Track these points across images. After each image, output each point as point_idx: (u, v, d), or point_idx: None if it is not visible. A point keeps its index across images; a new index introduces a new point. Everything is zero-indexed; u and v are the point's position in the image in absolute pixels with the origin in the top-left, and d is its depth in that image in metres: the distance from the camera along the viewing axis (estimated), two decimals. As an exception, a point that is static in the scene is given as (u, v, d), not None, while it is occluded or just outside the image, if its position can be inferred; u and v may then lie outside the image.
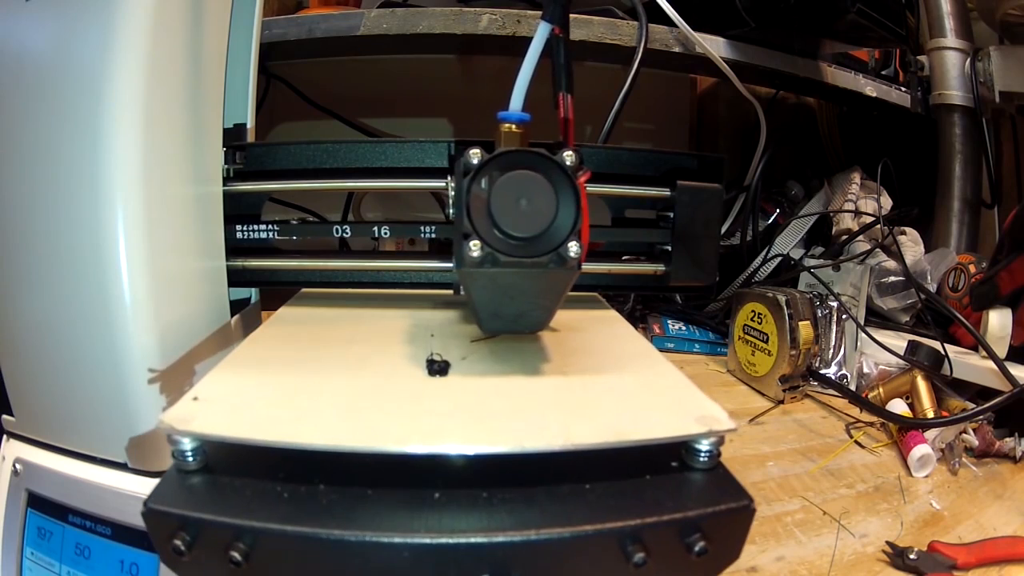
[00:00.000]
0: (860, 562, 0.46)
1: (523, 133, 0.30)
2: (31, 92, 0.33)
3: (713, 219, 0.42)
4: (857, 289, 0.76)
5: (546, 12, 0.30)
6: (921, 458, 0.57)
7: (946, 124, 0.97)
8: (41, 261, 0.34)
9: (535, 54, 0.30)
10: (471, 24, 0.77)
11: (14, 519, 0.37)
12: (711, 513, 0.24)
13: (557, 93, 0.32)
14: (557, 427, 0.25)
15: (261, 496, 0.23)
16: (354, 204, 0.90)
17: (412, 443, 0.24)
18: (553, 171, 0.27)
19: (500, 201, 0.27)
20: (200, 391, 0.27)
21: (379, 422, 0.26)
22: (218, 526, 0.22)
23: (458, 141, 0.42)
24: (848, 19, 0.81)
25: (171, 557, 0.23)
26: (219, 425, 0.25)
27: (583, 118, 1.13)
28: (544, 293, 0.31)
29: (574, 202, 0.27)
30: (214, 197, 0.40)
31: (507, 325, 0.33)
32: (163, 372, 0.34)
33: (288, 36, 0.80)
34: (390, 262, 0.46)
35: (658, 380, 0.31)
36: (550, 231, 0.27)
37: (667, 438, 0.25)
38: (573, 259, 0.27)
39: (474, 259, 0.27)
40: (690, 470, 0.26)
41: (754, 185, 0.96)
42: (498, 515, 0.23)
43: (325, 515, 0.23)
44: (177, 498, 0.23)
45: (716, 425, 0.25)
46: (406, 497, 0.24)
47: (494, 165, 0.27)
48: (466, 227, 0.27)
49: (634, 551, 0.22)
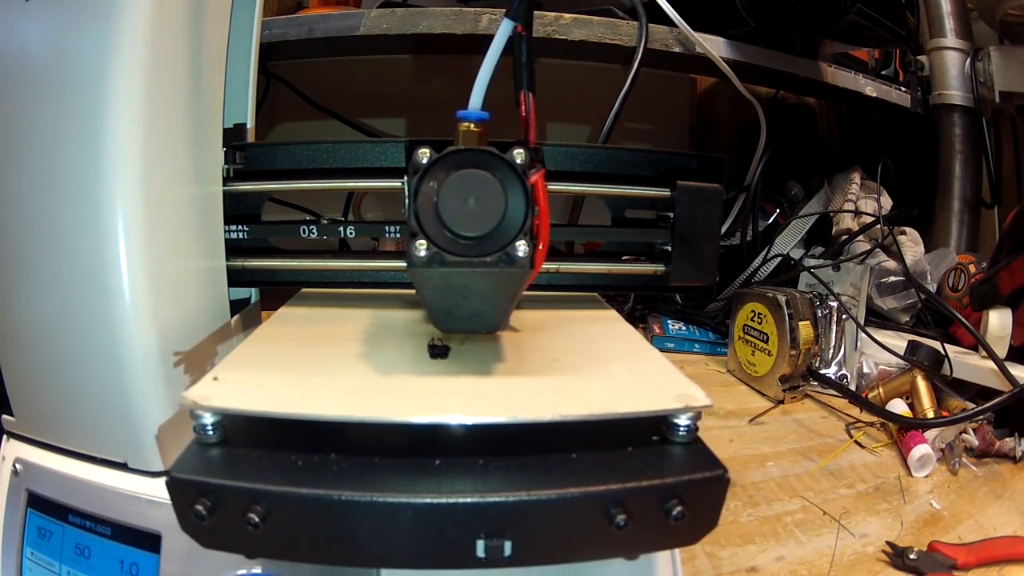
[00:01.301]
0: (860, 562, 0.46)
1: (481, 132, 0.30)
2: (31, 92, 0.33)
3: (713, 219, 0.42)
4: (857, 289, 0.76)
5: (509, 10, 0.30)
6: (921, 458, 0.57)
7: (946, 124, 0.97)
8: (41, 261, 0.34)
9: (496, 52, 0.30)
10: (471, 24, 0.77)
11: (14, 519, 0.37)
12: (687, 481, 0.25)
13: (518, 91, 0.32)
14: (548, 401, 0.27)
15: (276, 465, 0.25)
16: (354, 204, 0.90)
17: (415, 414, 0.26)
18: (503, 169, 0.27)
19: (448, 200, 0.27)
20: (218, 372, 0.29)
21: (385, 397, 0.28)
22: (237, 491, 0.24)
23: (417, 140, 0.42)
24: (848, 19, 0.81)
25: (192, 523, 0.24)
26: (238, 400, 0.26)
27: (583, 118, 1.13)
28: (496, 293, 0.31)
29: (523, 200, 0.27)
30: (214, 197, 0.40)
31: (462, 325, 0.33)
32: (163, 372, 0.34)
33: (288, 36, 0.80)
34: (390, 262, 0.45)
35: (643, 365, 0.32)
36: (499, 230, 0.27)
37: (647, 411, 0.27)
38: (522, 259, 0.27)
39: (421, 258, 0.27)
40: (670, 443, 0.28)
41: (754, 185, 0.96)
42: (493, 480, 0.25)
43: (336, 480, 0.25)
44: (198, 467, 0.25)
45: (693, 402, 0.27)
46: (409, 464, 0.26)
47: (443, 164, 0.27)
48: (413, 227, 0.27)
49: (616, 514, 0.24)
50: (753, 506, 0.53)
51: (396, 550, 0.25)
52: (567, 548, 0.26)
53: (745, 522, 0.51)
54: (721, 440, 0.62)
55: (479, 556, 0.24)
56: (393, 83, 1.07)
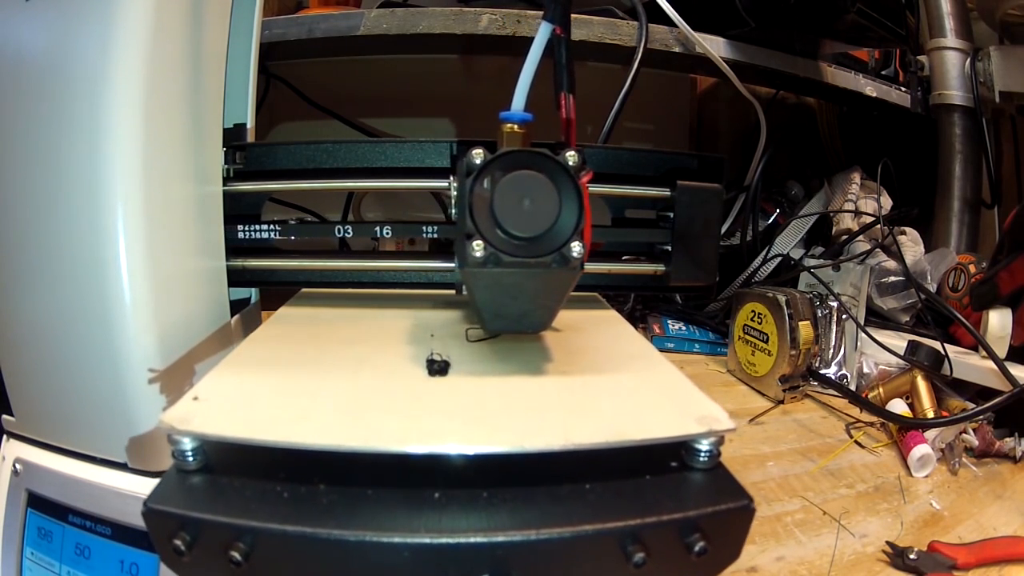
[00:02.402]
0: (860, 562, 0.46)
1: (525, 133, 0.30)
2: (31, 92, 0.33)
3: (713, 219, 0.42)
4: (857, 289, 0.76)
5: (547, 12, 0.30)
6: (921, 458, 0.57)
7: (946, 124, 0.97)
8: (41, 261, 0.34)
9: (537, 54, 0.30)
10: (471, 24, 0.77)
11: (14, 519, 0.37)
12: (711, 513, 0.24)
13: (559, 93, 0.32)
14: (557, 427, 0.25)
15: (261, 496, 0.23)
16: (354, 204, 0.90)
17: (412, 443, 0.24)
18: (556, 171, 0.28)
19: (503, 201, 0.27)
20: (200, 391, 0.27)
21: (379, 422, 0.26)
22: (218, 526, 0.22)
23: (460, 141, 0.42)
24: (848, 19, 0.81)
25: (171, 557, 0.23)
26: (219, 425, 0.25)
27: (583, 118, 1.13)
28: (547, 293, 0.31)
29: (577, 202, 0.27)
30: (214, 197, 0.40)
31: (510, 325, 0.33)
32: (163, 372, 0.34)
33: (288, 36, 0.80)
34: (390, 262, 0.46)
35: (658, 380, 0.31)
36: (553, 231, 0.27)
37: (667, 438, 0.25)
38: (576, 259, 0.27)
39: (477, 259, 0.27)
40: (690, 470, 0.26)
41: (754, 185, 0.96)
42: (498, 515, 0.23)
43: (325, 515, 0.23)
44: (177, 498, 0.23)
45: (716, 425, 0.25)
46: (406, 497, 0.24)
47: (497, 165, 0.27)
48: (469, 227, 0.27)
49: (634, 551, 0.22)
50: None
51: (391, 594, 0.22)
52: (580, 588, 0.23)
53: (745, 522, 0.51)
54: (721, 440, 0.62)
55: (483, 599, 0.22)
56: (393, 83, 1.07)
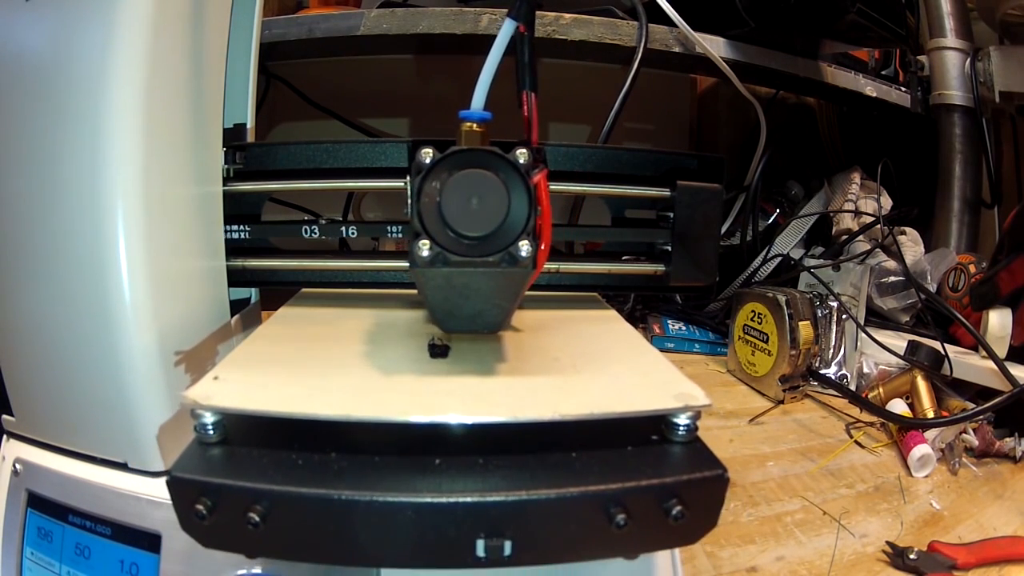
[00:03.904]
0: (860, 562, 0.46)
1: (484, 132, 0.30)
2: (31, 92, 0.33)
3: (713, 219, 0.42)
4: (857, 289, 0.76)
5: (512, 10, 0.30)
6: (921, 458, 0.57)
7: (946, 124, 0.97)
8: (41, 261, 0.34)
9: (499, 52, 0.30)
10: (471, 24, 0.77)
11: (14, 519, 0.37)
12: (687, 480, 0.25)
13: (521, 91, 0.32)
14: (548, 401, 0.27)
15: (277, 464, 0.25)
16: (354, 204, 0.90)
17: (415, 413, 0.26)
18: (505, 169, 0.27)
19: (451, 200, 0.27)
20: (219, 372, 0.29)
21: (385, 396, 0.28)
22: (237, 490, 0.24)
23: (421, 140, 0.42)
24: (848, 19, 0.81)
25: (193, 523, 0.24)
26: (238, 399, 0.26)
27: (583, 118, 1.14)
28: (498, 293, 0.31)
29: (527, 200, 0.27)
30: (214, 197, 0.40)
31: (464, 325, 0.34)
32: (163, 372, 0.34)
33: (288, 36, 0.80)
34: (390, 262, 0.45)
35: (643, 365, 0.32)
36: (502, 230, 0.27)
37: (647, 411, 0.27)
38: (525, 258, 0.27)
39: (424, 259, 0.27)
40: (669, 443, 0.28)
41: (754, 185, 0.96)
42: (493, 479, 0.25)
43: (336, 479, 0.25)
44: (199, 467, 0.25)
45: (692, 401, 0.27)
46: (410, 463, 0.26)
47: (446, 164, 0.27)
48: (416, 226, 0.27)
49: (616, 513, 0.24)
50: (753, 506, 0.53)
51: (396, 550, 0.25)
52: (567, 548, 0.26)
53: (745, 522, 0.51)
54: (721, 440, 0.62)
55: (479, 556, 0.24)
56: (393, 83, 1.07)
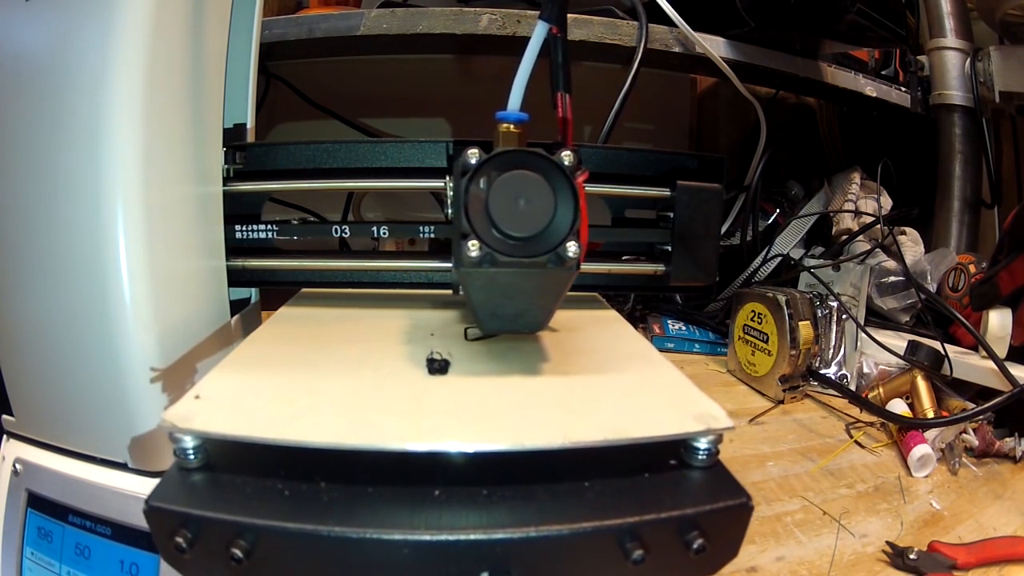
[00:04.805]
0: (860, 562, 0.46)
1: (521, 133, 0.30)
2: (31, 92, 0.33)
3: (713, 219, 0.42)
4: (857, 289, 0.76)
5: (544, 11, 0.30)
6: (921, 458, 0.57)
7: (946, 124, 0.97)
8: (41, 261, 0.34)
9: (533, 54, 0.30)
10: (471, 24, 0.77)
11: (14, 519, 0.37)
12: (709, 511, 0.24)
13: (555, 93, 0.32)
14: (556, 425, 0.25)
15: (262, 494, 0.24)
16: (354, 204, 0.90)
17: (412, 441, 0.24)
18: (551, 171, 0.27)
19: (498, 201, 0.27)
20: (201, 389, 0.27)
21: (379, 420, 0.26)
22: (219, 523, 0.22)
23: (456, 141, 0.42)
24: (848, 19, 0.81)
25: (173, 555, 0.23)
26: (220, 423, 0.25)
27: (583, 118, 1.14)
28: (542, 293, 0.31)
29: (572, 202, 0.27)
30: (214, 197, 0.40)
31: (506, 325, 0.33)
32: (164, 372, 0.34)
33: (288, 36, 0.80)
34: (390, 262, 0.46)
35: (657, 379, 0.31)
36: (548, 231, 0.27)
37: (666, 436, 0.25)
38: (572, 259, 0.27)
39: (472, 259, 0.27)
40: (688, 468, 0.26)
41: (754, 185, 0.96)
42: (497, 512, 0.23)
43: (326, 512, 0.23)
44: (179, 496, 0.23)
45: (714, 423, 0.25)
46: (406, 494, 0.24)
47: (492, 165, 0.27)
48: (464, 227, 0.27)
49: (632, 548, 0.22)
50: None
51: (392, 590, 0.23)
52: (579, 586, 0.24)
53: (745, 522, 0.51)
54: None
55: (483, 596, 0.22)
56: (393, 83, 1.07)
